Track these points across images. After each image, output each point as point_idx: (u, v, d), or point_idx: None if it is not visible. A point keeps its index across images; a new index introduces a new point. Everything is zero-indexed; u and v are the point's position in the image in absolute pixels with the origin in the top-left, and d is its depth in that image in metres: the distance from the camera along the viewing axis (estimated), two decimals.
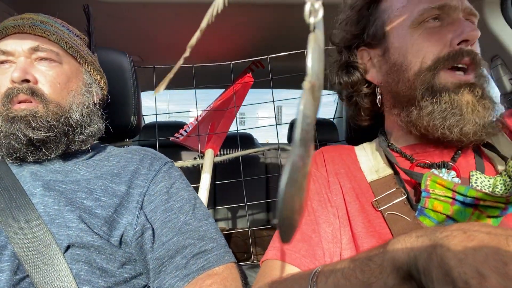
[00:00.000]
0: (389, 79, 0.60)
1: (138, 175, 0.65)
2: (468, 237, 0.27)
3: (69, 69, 0.67)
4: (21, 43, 0.63)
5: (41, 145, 0.62)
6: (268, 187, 1.99)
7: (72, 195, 0.60)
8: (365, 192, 0.57)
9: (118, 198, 0.61)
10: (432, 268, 0.27)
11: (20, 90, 0.60)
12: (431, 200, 0.48)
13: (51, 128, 0.61)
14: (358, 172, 0.61)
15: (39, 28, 0.65)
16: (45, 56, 0.64)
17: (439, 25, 0.55)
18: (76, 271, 0.55)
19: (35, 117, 0.60)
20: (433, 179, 0.49)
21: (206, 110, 1.67)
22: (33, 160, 0.63)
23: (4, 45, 0.63)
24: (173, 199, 0.64)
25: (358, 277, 0.34)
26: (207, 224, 0.64)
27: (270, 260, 0.54)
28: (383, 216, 0.53)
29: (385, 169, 0.59)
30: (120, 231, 0.59)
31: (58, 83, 0.64)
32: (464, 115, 0.51)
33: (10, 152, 0.61)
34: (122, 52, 0.95)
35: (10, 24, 0.65)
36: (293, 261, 0.51)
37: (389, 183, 0.56)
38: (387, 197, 0.54)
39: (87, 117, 0.67)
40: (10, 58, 0.63)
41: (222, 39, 1.38)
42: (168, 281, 0.57)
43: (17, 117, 0.59)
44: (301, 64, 1.38)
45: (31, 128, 0.59)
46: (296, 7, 1.13)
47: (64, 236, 0.55)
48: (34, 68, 0.63)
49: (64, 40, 0.67)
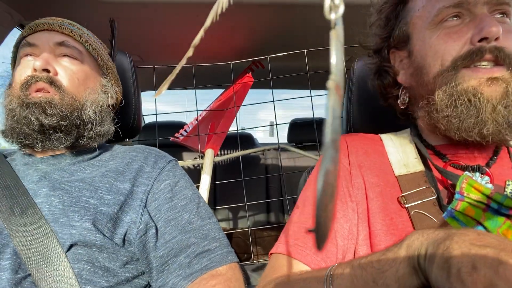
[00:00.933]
0: (412, 82, 0.59)
1: (142, 173, 0.66)
2: (479, 238, 0.29)
3: (88, 68, 0.70)
4: (48, 37, 0.67)
5: (52, 133, 0.63)
6: (268, 187, 1.99)
7: (77, 193, 0.60)
8: (391, 186, 0.55)
9: (123, 196, 0.61)
10: (436, 254, 0.29)
11: (40, 78, 0.62)
12: (464, 204, 0.46)
13: (64, 118, 0.63)
14: (385, 165, 0.58)
15: (66, 28, 0.69)
16: (68, 53, 0.67)
17: (459, 23, 0.52)
18: (78, 271, 0.55)
19: (51, 104, 0.62)
20: (469, 183, 0.47)
21: (206, 110, 1.67)
22: (41, 148, 0.64)
23: (32, 38, 0.67)
24: (177, 197, 0.65)
25: (374, 266, 0.35)
26: (210, 223, 0.64)
27: (280, 255, 0.53)
28: (408, 214, 0.51)
29: (415, 165, 0.56)
30: (123, 229, 0.59)
31: (76, 78, 0.67)
32: (482, 115, 0.48)
33: (20, 137, 0.62)
34: (122, 52, 0.95)
35: (40, 22, 0.68)
36: (303, 258, 0.50)
37: (419, 180, 0.54)
38: (415, 194, 0.52)
39: (99, 115, 0.69)
40: (35, 51, 0.66)
41: (222, 39, 1.38)
42: (172, 280, 0.57)
43: (32, 103, 0.61)
44: (301, 64, 1.37)
45: (45, 114, 0.61)
46: (296, 7, 1.13)
47: (68, 235, 0.55)
48: (56, 62, 0.66)
49: (88, 42, 0.71)
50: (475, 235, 0.29)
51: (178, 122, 2.05)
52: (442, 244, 0.30)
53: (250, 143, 2.14)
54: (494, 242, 0.28)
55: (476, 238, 0.29)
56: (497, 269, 0.26)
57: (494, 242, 0.28)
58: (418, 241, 0.33)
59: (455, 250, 0.28)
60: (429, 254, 0.30)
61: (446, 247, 0.29)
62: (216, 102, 1.67)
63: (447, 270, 0.28)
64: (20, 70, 0.65)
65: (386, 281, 0.34)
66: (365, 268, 0.36)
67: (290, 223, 0.56)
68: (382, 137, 0.64)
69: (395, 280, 0.33)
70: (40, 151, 0.66)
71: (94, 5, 1.05)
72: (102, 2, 1.04)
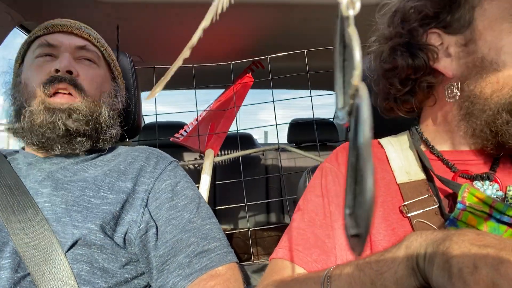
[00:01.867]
0: (469, 75, 0.50)
1: (144, 172, 0.66)
2: (478, 238, 0.29)
3: (104, 73, 0.72)
4: (69, 39, 0.68)
5: (75, 137, 0.64)
6: (268, 188, 1.99)
7: (79, 193, 0.60)
8: (393, 195, 0.53)
9: (125, 194, 0.62)
10: (436, 255, 0.29)
11: (64, 79, 0.63)
12: (466, 213, 0.46)
13: (88, 122, 0.64)
14: (386, 173, 0.56)
15: (85, 32, 0.70)
16: (88, 57, 0.69)
17: None
18: (77, 271, 0.55)
19: (77, 110, 0.63)
20: (471, 192, 0.46)
21: (206, 110, 1.67)
22: (60, 152, 0.64)
23: (52, 39, 0.67)
24: (177, 197, 0.65)
25: (373, 267, 0.35)
26: (210, 223, 0.64)
27: (280, 260, 0.52)
28: (410, 223, 0.50)
29: (417, 173, 0.54)
30: (124, 228, 0.59)
31: (96, 82, 0.68)
32: None
33: (40, 141, 0.62)
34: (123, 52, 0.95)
35: (58, 23, 0.69)
36: (304, 264, 0.49)
37: (421, 189, 0.52)
38: (417, 203, 0.51)
39: (112, 118, 0.71)
40: (54, 52, 0.66)
41: (222, 39, 1.38)
42: (171, 280, 0.57)
43: (58, 109, 0.62)
44: (301, 64, 1.37)
45: (71, 119, 0.62)
46: (296, 7, 1.13)
47: (69, 235, 0.56)
48: (77, 65, 0.67)
49: (104, 47, 0.73)
50: (474, 235, 0.29)
51: (178, 122, 2.05)
52: (442, 244, 0.30)
53: (250, 143, 2.14)
54: (493, 241, 0.28)
55: (475, 238, 0.29)
56: (498, 268, 0.26)
57: (493, 242, 0.28)
58: (416, 242, 0.33)
59: (455, 250, 0.28)
60: (429, 255, 0.30)
61: (446, 247, 0.29)
62: (216, 102, 1.67)
63: (448, 270, 0.28)
64: (38, 69, 0.65)
65: (385, 282, 0.34)
66: (363, 269, 0.36)
67: (291, 228, 0.55)
68: (382, 143, 0.61)
69: (393, 281, 0.33)
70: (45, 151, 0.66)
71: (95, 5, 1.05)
72: (102, 2, 1.04)
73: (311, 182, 0.62)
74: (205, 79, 1.66)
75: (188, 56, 0.27)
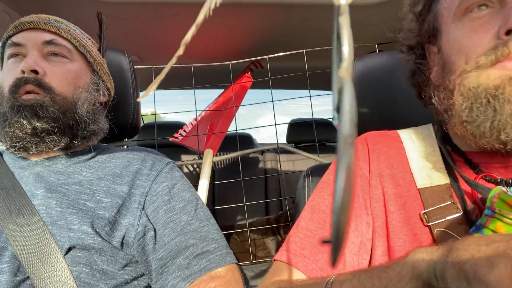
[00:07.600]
0: (440, 80, 0.51)
1: (140, 175, 0.65)
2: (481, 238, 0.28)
3: (78, 66, 0.68)
4: (35, 36, 0.65)
5: (45, 136, 0.62)
6: (267, 188, 1.99)
7: (74, 196, 0.59)
8: (413, 199, 0.49)
9: (121, 199, 0.61)
10: (447, 268, 0.28)
11: (28, 80, 0.61)
12: (494, 220, 0.42)
13: (56, 120, 0.62)
14: (406, 174, 0.52)
15: (53, 25, 0.66)
16: (57, 51, 0.65)
17: (487, 14, 0.44)
18: (77, 274, 0.54)
19: (42, 107, 0.60)
20: (502, 198, 0.42)
21: (205, 110, 1.67)
22: (36, 151, 0.62)
23: (17, 38, 0.64)
24: (175, 199, 0.64)
25: (375, 284, 0.34)
26: (208, 224, 0.64)
27: (284, 263, 0.49)
28: (431, 232, 0.46)
29: (440, 177, 0.50)
30: (122, 232, 0.59)
31: (66, 78, 0.65)
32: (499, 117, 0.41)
33: (13, 142, 0.61)
34: (121, 52, 0.95)
35: (25, 20, 0.66)
36: (309, 272, 0.47)
37: (443, 194, 0.48)
38: (439, 210, 0.47)
39: (92, 114, 0.68)
40: (22, 51, 0.64)
41: (222, 39, 1.38)
42: (171, 282, 0.57)
43: (23, 106, 0.60)
44: (300, 64, 1.37)
45: (36, 117, 0.60)
46: (296, 7, 1.13)
47: (66, 238, 0.55)
48: (44, 62, 0.64)
49: (76, 38, 0.69)
50: (476, 238, 0.29)
51: (177, 122, 2.05)
52: (449, 257, 0.29)
53: (249, 143, 2.14)
54: (498, 237, 0.28)
55: (478, 239, 0.28)
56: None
57: (498, 237, 0.28)
58: (424, 262, 0.31)
59: (464, 256, 0.27)
60: (440, 272, 0.29)
61: (453, 258, 0.28)
62: (215, 102, 1.67)
63: (464, 278, 0.26)
64: (8, 72, 0.63)
65: None
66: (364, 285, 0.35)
67: (298, 227, 0.52)
68: (401, 136, 0.57)
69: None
70: (35, 154, 0.64)
71: (94, 5, 1.05)
72: (102, 2, 1.04)
73: (324, 177, 0.57)
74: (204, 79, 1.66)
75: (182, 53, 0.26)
